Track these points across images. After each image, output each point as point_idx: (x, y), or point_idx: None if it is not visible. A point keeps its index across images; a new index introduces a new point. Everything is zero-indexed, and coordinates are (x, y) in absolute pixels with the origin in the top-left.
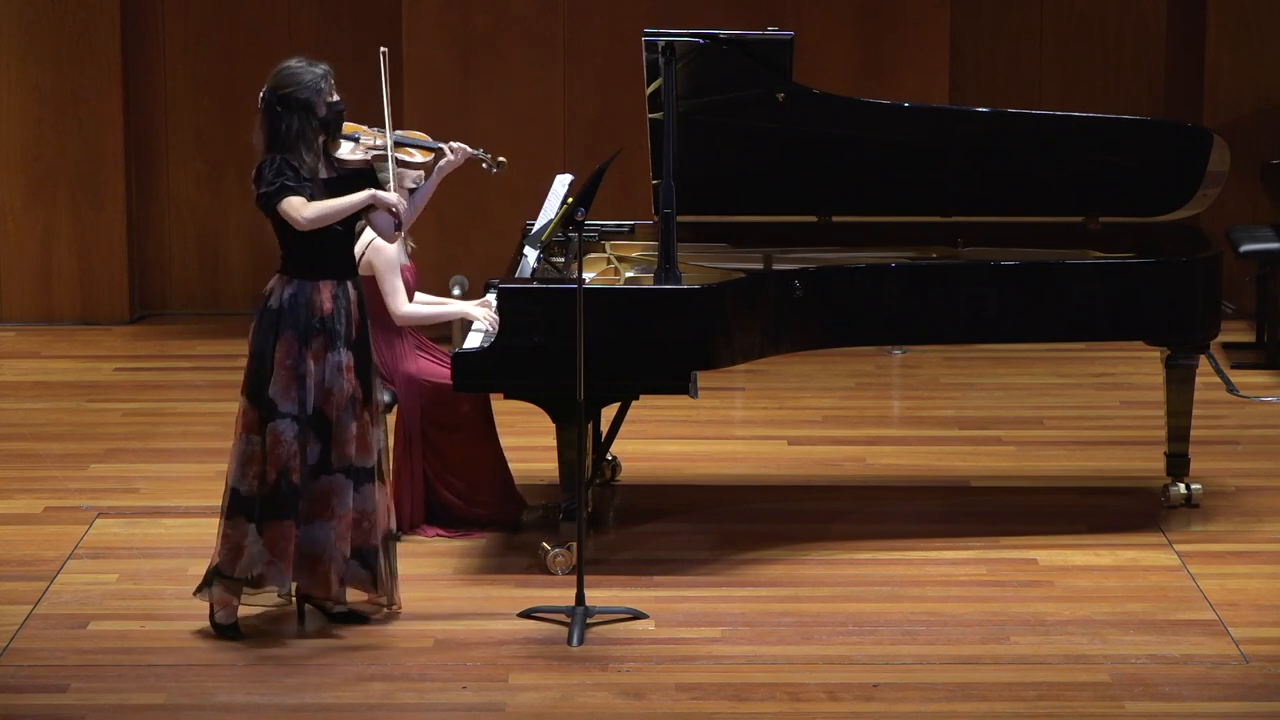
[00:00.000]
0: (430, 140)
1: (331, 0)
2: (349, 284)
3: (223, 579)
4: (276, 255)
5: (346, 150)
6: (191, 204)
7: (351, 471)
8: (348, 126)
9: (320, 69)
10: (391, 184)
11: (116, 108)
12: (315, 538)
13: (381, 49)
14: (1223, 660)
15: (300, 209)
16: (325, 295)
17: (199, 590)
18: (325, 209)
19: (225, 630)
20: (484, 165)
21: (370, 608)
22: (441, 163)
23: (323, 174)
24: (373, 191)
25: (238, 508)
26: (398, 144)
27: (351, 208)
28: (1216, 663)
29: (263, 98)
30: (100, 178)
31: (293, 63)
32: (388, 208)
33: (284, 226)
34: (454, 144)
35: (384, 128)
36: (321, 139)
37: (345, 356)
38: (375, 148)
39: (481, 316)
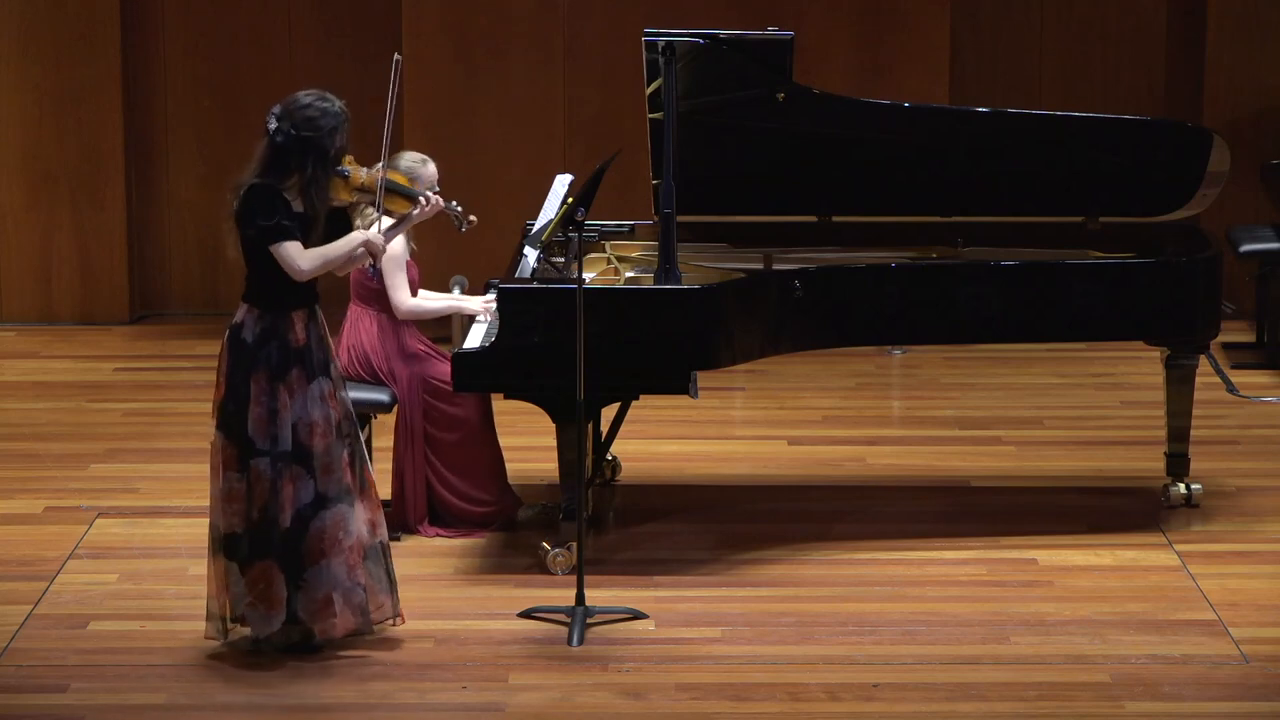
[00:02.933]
0: (410, 187)
1: (331, 0)
2: (317, 309)
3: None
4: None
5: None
6: (191, 204)
7: (348, 497)
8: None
9: (339, 110)
10: (378, 224)
11: (116, 108)
12: (327, 577)
13: (396, 56)
14: (1223, 660)
15: (297, 258)
16: (298, 327)
17: (212, 631)
18: (323, 258)
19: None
20: (454, 221)
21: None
22: (414, 213)
23: (296, 207)
24: (365, 237)
25: (219, 546)
26: (390, 192)
27: (345, 255)
28: (1216, 663)
29: (278, 129)
30: (100, 178)
31: (315, 101)
32: (375, 253)
33: (260, 258)
34: (429, 195)
35: (374, 167)
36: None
37: (325, 385)
38: (362, 189)
39: (480, 308)
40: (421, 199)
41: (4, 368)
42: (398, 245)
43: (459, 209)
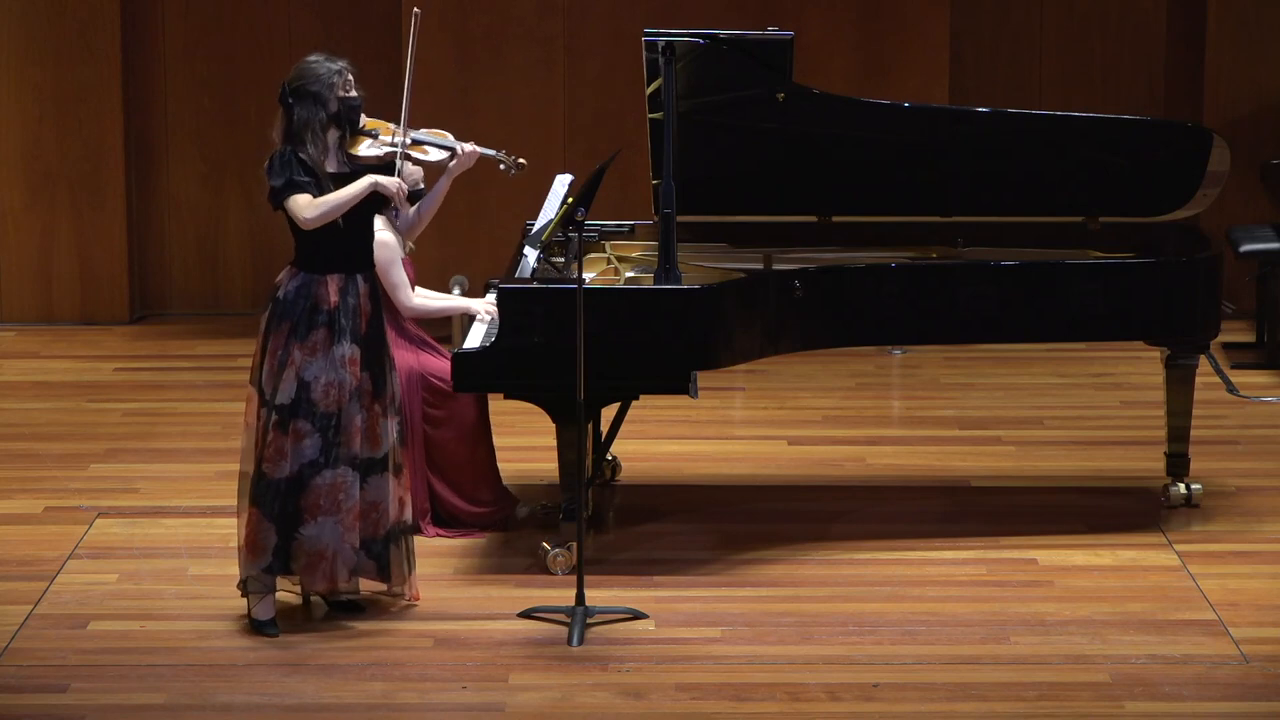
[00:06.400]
0: (450, 140)
1: (331, 0)
2: (359, 277)
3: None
4: (289, 248)
5: (363, 147)
6: (191, 204)
7: (358, 464)
8: (369, 123)
9: (337, 65)
10: (398, 170)
11: (116, 108)
12: (319, 535)
13: (415, 10)
14: (1223, 660)
15: (304, 209)
16: (331, 289)
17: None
18: (327, 205)
19: (259, 625)
20: (501, 167)
21: (387, 598)
22: (451, 164)
23: (331, 168)
24: (373, 179)
25: (242, 491)
26: (415, 142)
27: (353, 199)
28: (1216, 663)
29: (279, 91)
30: (100, 178)
31: (310, 57)
32: (390, 194)
33: (291, 220)
34: (466, 145)
35: (403, 123)
36: (333, 133)
37: (349, 350)
38: (390, 144)
39: (481, 309)
40: (457, 148)
41: (4, 368)
42: (393, 243)
43: (504, 153)
